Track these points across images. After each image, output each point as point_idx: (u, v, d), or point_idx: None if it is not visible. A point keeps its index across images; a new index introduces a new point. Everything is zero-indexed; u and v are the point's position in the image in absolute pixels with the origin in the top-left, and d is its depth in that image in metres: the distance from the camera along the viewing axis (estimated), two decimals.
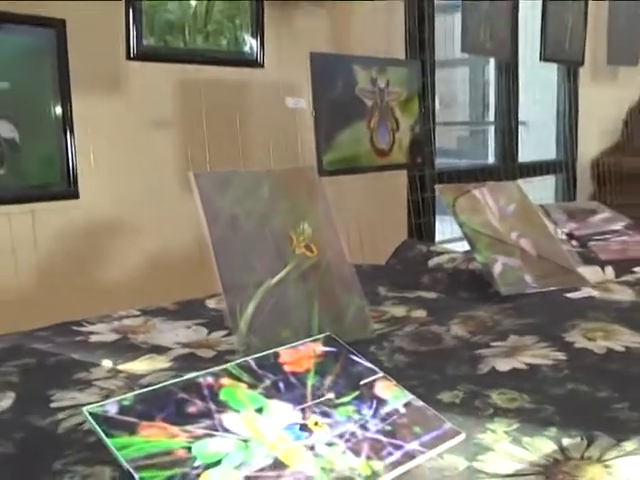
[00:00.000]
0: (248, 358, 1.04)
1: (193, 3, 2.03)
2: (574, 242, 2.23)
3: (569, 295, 1.75)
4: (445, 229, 3.37)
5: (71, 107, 1.86)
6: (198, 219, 1.37)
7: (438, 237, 3.42)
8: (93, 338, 1.50)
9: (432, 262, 2.03)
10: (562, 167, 4.19)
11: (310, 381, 1.03)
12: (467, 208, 1.82)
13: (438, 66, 3.43)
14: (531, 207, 1.98)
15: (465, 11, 2.81)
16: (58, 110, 1.85)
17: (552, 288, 1.78)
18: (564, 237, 2.24)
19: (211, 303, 1.71)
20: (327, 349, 1.10)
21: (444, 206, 1.91)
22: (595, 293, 1.77)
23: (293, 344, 1.10)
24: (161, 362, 1.34)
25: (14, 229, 1.97)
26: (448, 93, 5.13)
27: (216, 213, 1.36)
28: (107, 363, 1.34)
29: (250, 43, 2.14)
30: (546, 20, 3.23)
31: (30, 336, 1.51)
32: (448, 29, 4.24)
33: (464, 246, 1.93)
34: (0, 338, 1.49)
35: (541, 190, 4.09)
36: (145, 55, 1.97)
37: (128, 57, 1.94)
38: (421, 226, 3.13)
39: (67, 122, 1.86)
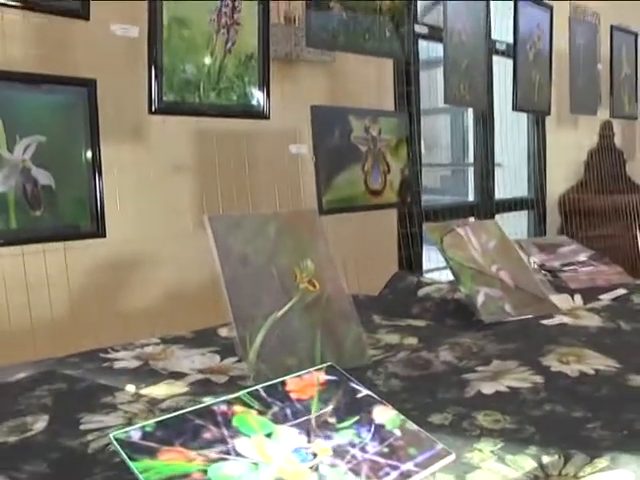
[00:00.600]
0: (258, 387, 1.02)
1: (207, 63, 2.02)
2: (546, 272, 2.22)
3: (544, 322, 1.73)
4: (432, 257, 3.36)
5: (100, 155, 1.85)
6: (211, 257, 1.36)
7: (426, 265, 3.41)
8: (118, 364, 1.47)
9: (421, 292, 2.01)
10: (533, 203, 4.19)
11: (314, 407, 1.01)
12: (452, 245, 1.81)
13: (423, 114, 3.44)
14: (509, 242, 1.97)
15: (447, 68, 2.81)
16: (88, 158, 1.83)
17: (529, 316, 1.76)
18: (537, 268, 2.22)
19: (223, 331, 1.69)
20: (329, 378, 1.08)
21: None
22: (567, 320, 1.75)
23: (298, 373, 1.08)
24: (179, 387, 1.32)
25: (48, 264, 1.94)
26: (432, 137, 5.15)
27: (228, 252, 1.34)
28: (130, 388, 1.32)
29: (257, 98, 2.13)
30: (516, 76, 3.24)
31: (62, 362, 1.49)
32: (432, 81, 4.26)
33: (449, 274, 1.91)
34: (36, 364, 1.47)
35: (515, 224, 4.08)
36: (165, 110, 1.96)
37: (150, 112, 1.93)
38: (410, 257, 3.12)
39: (96, 169, 1.84)
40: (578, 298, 1.96)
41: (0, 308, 1.86)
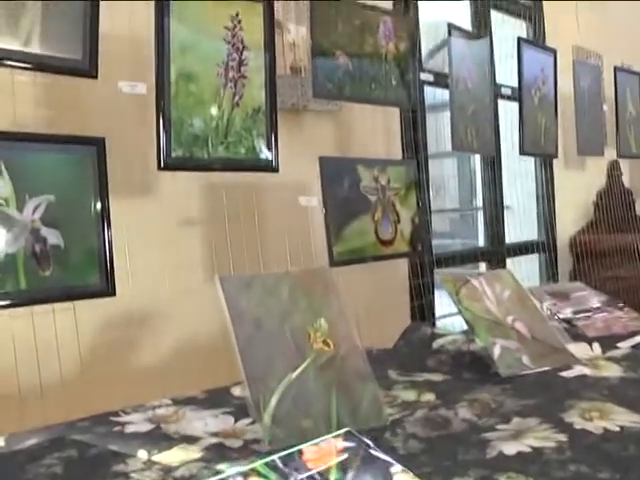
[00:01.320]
0: (274, 457, 0.98)
1: (215, 117, 2.01)
2: (562, 321, 2.17)
3: (563, 374, 1.69)
4: (444, 302, 3.31)
5: (109, 213, 1.83)
6: (222, 311, 1.33)
7: (438, 310, 3.35)
8: (129, 428, 1.43)
9: (436, 344, 1.97)
10: (544, 246, 4.15)
11: (333, 477, 0.96)
12: (467, 296, 1.78)
13: (430, 158, 3.43)
14: (523, 292, 1.93)
15: (453, 115, 2.81)
16: (98, 216, 1.82)
17: (547, 368, 1.72)
18: (552, 316, 2.17)
19: (236, 390, 1.65)
20: (347, 444, 1.04)
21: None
22: (586, 371, 1.71)
23: (315, 441, 1.04)
24: (193, 452, 1.28)
25: (58, 324, 1.92)
26: (439, 181, 5.14)
27: (240, 314, 1.32)
28: (142, 454, 1.28)
29: (266, 151, 2.12)
30: (523, 120, 3.24)
31: (72, 427, 1.45)
32: (438, 125, 4.27)
33: (462, 321, 1.87)
34: (45, 430, 1.43)
35: (527, 268, 4.05)
36: (174, 166, 1.95)
37: (159, 168, 1.91)
38: (423, 306, 3.08)
39: (106, 226, 1.82)
40: (596, 347, 1.92)
41: (8, 370, 1.83)
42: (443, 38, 3.96)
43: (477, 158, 4.11)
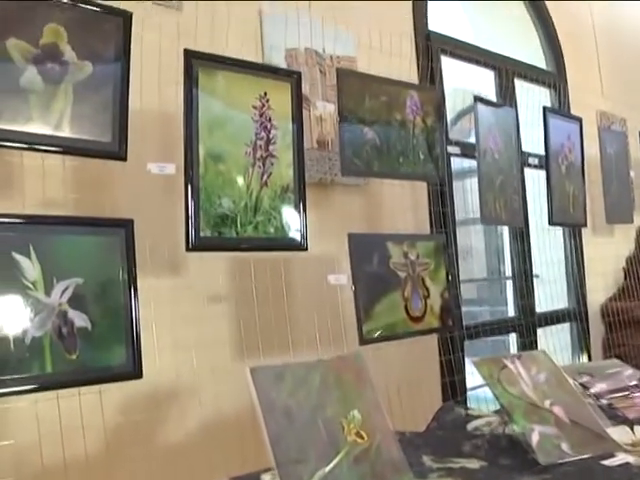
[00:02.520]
0: None
1: (244, 197, 2.00)
2: (600, 401, 2.09)
3: (605, 462, 1.61)
4: (475, 371, 3.23)
5: (137, 294, 1.81)
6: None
7: (469, 380, 3.26)
8: None
9: (470, 426, 1.90)
10: (574, 315, 4.07)
11: None
12: (503, 380, 1.72)
13: (457, 225, 3.39)
14: (560, 373, 1.87)
15: (482, 188, 2.79)
16: (125, 298, 1.80)
17: (588, 455, 1.64)
18: (590, 397, 2.10)
19: (266, 477, 1.59)
20: None
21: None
22: (630, 459, 1.63)
23: None
24: None
25: (83, 405, 1.88)
26: (466, 248, 5.10)
27: (271, 406, 1.27)
28: None
29: (295, 229, 2.10)
30: (550, 190, 3.21)
31: None
32: (465, 192, 4.26)
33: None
34: None
35: (559, 337, 3.97)
36: (202, 246, 1.93)
37: (187, 249, 1.90)
38: (454, 382, 3.01)
39: (133, 309, 1.80)
40: (638, 430, 1.84)
41: (33, 453, 1.79)
42: (467, 104, 3.98)
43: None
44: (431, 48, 3.29)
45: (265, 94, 2.08)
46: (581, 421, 1.73)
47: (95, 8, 1.81)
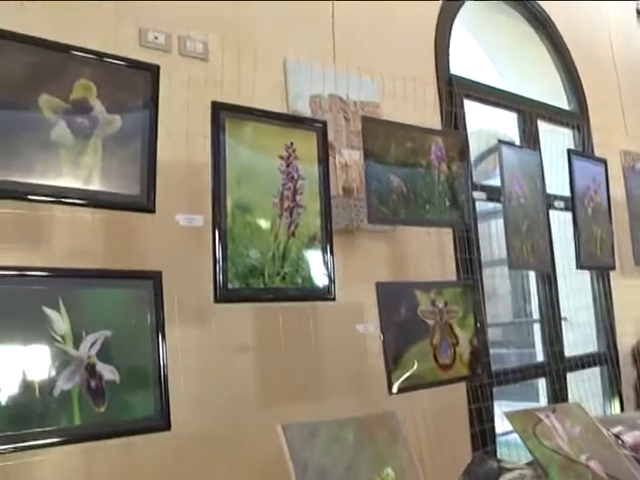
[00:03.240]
0: None
1: (271, 247, 2.00)
2: (636, 454, 2.04)
3: None
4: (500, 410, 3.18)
5: (165, 346, 1.80)
6: (286, 468, 1.27)
7: (498, 424, 3.20)
8: None
9: (504, 479, 1.86)
10: (605, 359, 4.00)
11: None
12: (537, 433, 1.68)
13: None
14: (595, 426, 1.83)
15: (508, 234, 2.77)
16: (154, 350, 1.79)
17: None
18: (626, 449, 2.05)
19: None
20: None
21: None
22: None
23: None
24: None
25: (112, 457, 1.87)
26: (491, 289, 5.06)
27: (304, 465, 1.26)
28: None
29: (323, 279, 2.09)
30: (578, 234, 3.18)
31: None
32: (490, 233, 4.24)
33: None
34: None
35: (590, 382, 3.89)
36: (230, 298, 1.93)
37: (215, 300, 1.90)
38: (484, 431, 2.96)
39: (162, 361, 1.79)
40: None
41: None
42: (489, 146, 3.98)
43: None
44: (454, 93, 3.30)
45: (292, 144, 2.09)
46: (618, 475, 1.69)
47: (123, 62, 1.84)
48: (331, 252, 2.12)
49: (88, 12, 2.10)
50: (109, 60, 1.81)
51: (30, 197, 1.66)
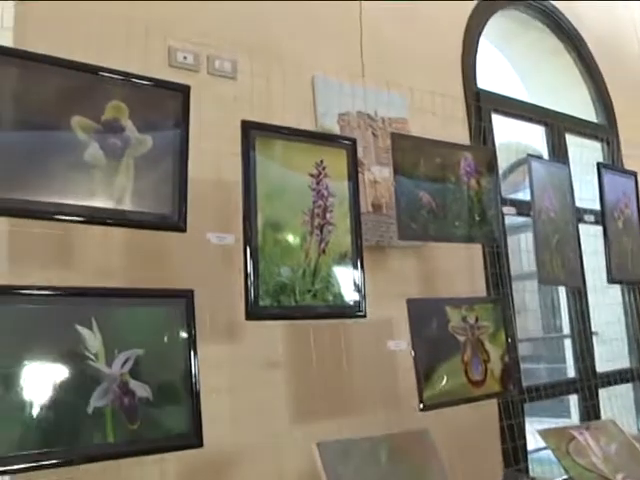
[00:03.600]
0: None
1: (302, 265, 2.00)
2: None
3: None
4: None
5: (197, 364, 1.81)
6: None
7: (529, 441, 3.17)
8: None
9: None
10: (637, 374, 3.95)
11: None
12: (571, 451, 1.66)
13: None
14: (631, 444, 1.81)
15: (538, 248, 2.74)
16: (186, 368, 1.80)
17: None
18: None
19: None
20: None
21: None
22: None
23: None
24: None
25: (145, 475, 1.88)
26: (520, 302, 5.02)
27: None
28: None
29: (353, 297, 2.09)
30: (608, 247, 3.14)
31: None
32: (520, 247, 4.20)
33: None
34: None
35: (622, 398, 3.84)
36: (261, 315, 1.93)
37: (247, 318, 1.90)
38: (516, 448, 2.92)
39: (194, 378, 1.80)
40: None
41: None
42: (517, 158, 3.96)
43: None
44: (482, 107, 3.29)
45: (322, 162, 2.10)
46: None
47: (155, 83, 1.86)
48: (361, 269, 2.11)
49: (118, 32, 2.13)
50: (140, 81, 1.83)
51: (63, 217, 1.67)
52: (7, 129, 1.62)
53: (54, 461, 1.59)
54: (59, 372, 1.63)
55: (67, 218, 1.68)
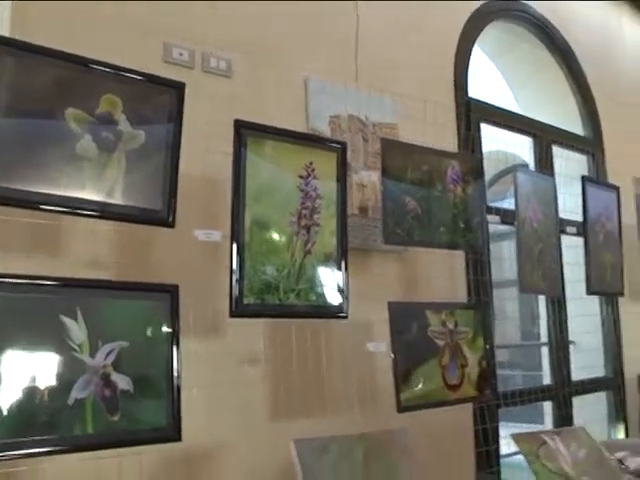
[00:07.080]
0: None
1: (288, 264, 2.00)
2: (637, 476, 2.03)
3: None
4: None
5: (180, 359, 1.80)
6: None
7: (502, 445, 3.19)
8: None
9: None
10: (611, 384, 3.97)
11: None
12: (542, 456, 1.68)
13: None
14: (599, 450, 1.83)
15: (521, 258, 2.76)
16: (168, 362, 1.79)
17: None
18: (629, 474, 2.03)
19: None
20: None
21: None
22: None
23: None
24: None
25: (122, 467, 1.87)
26: (499, 309, 5.04)
27: (314, 478, 1.25)
28: None
29: (336, 298, 2.09)
30: (588, 260, 3.16)
31: None
32: (501, 254, 4.22)
33: None
34: None
35: (595, 406, 3.87)
36: (245, 313, 1.92)
37: (231, 315, 1.89)
38: (489, 452, 2.94)
39: (175, 373, 1.79)
40: None
41: None
42: (502, 167, 3.98)
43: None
44: (471, 116, 3.30)
45: (311, 163, 2.09)
46: None
47: (149, 79, 1.84)
48: (345, 271, 2.11)
49: (114, 27, 2.12)
50: (135, 76, 1.82)
51: (52, 208, 1.65)
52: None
53: (32, 450, 1.57)
54: (42, 362, 1.61)
55: (56, 209, 1.66)
